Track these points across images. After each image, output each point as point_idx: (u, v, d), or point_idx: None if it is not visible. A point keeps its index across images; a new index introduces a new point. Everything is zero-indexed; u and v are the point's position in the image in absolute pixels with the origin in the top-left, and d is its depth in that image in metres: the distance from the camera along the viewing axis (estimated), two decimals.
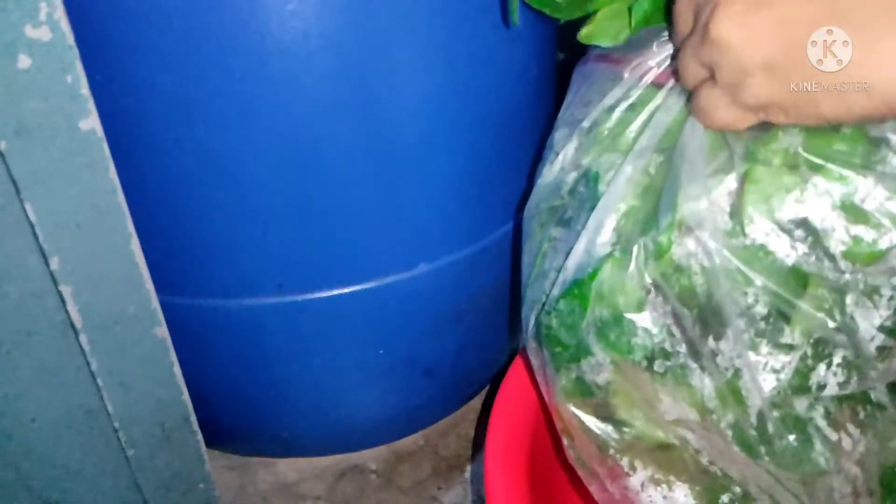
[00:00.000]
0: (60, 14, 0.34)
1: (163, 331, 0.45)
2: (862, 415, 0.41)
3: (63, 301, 0.40)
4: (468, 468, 0.77)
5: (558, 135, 0.51)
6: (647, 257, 0.40)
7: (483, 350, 0.76)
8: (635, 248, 0.41)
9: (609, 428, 0.44)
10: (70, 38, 0.35)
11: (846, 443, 0.40)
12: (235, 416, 0.73)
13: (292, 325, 0.64)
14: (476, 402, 0.84)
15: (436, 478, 0.76)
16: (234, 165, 0.55)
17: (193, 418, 0.49)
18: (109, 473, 0.47)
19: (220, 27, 0.49)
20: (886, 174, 0.36)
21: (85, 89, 0.36)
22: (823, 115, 0.34)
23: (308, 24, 0.49)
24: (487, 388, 0.84)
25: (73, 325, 0.41)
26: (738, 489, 0.42)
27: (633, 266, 0.41)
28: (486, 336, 0.75)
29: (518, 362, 0.57)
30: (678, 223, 0.39)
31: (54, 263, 0.39)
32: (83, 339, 0.42)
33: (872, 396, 0.41)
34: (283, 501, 0.75)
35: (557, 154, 0.50)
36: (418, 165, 0.59)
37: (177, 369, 0.47)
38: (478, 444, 0.79)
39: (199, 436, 0.50)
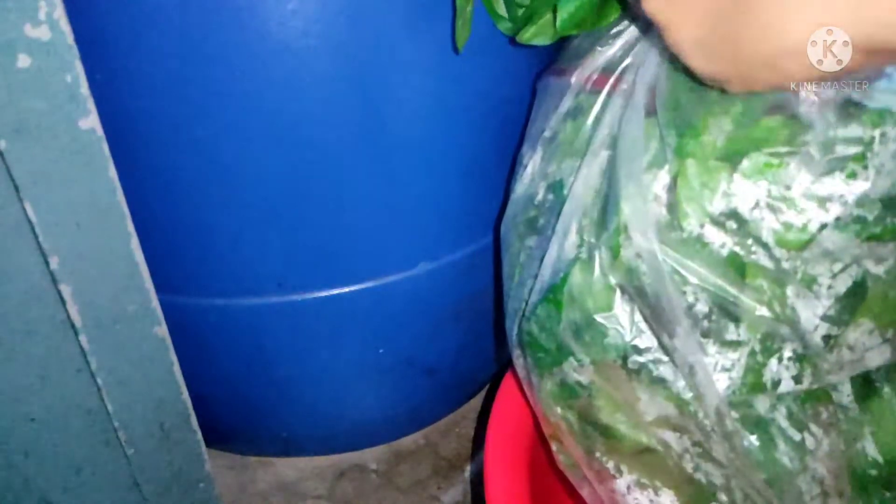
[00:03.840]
0: (60, 13, 0.34)
1: (163, 330, 0.45)
2: (825, 415, 0.41)
3: (63, 301, 0.40)
4: (468, 468, 0.77)
5: (525, 148, 0.52)
6: (608, 259, 0.41)
7: (483, 350, 0.76)
8: (596, 252, 0.42)
9: (594, 430, 0.45)
10: (70, 37, 0.35)
11: (810, 442, 0.41)
12: (235, 416, 0.73)
13: (292, 325, 0.64)
14: (476, 402, 0.84)
15: (436, 477, 0.76)
16: (234, 165, 0.55)
17: (193, 418, 0.49)
18: (109, 473, 0.47)
19: (220, 27, 0.49)
20: (812, 157, 0.37)
21: (85, 89, 0.36)
22: (767, 81, 0.34)
23: (308, 23, 0.49)
24: (487, 387, 0.84)
25: (72, 325, 0.41)
26: (724, 497, 0.43)
27: (597, 269, 0.42)
28: (486, 336, 0.75)
29: None
30: (622, 226, 0.40)
31: (54, 263, 0.39)
32: (83, 338, 0.41)
33: (834, 398, 0.42)
34: (283, 501, 0.75)
35: (526, 167, 0.51)
36: (418, 164, 0.59)
37: (177, 369, 0.47)
38: (478, 443, 0.79)
39: (199, 436, 0.50)
